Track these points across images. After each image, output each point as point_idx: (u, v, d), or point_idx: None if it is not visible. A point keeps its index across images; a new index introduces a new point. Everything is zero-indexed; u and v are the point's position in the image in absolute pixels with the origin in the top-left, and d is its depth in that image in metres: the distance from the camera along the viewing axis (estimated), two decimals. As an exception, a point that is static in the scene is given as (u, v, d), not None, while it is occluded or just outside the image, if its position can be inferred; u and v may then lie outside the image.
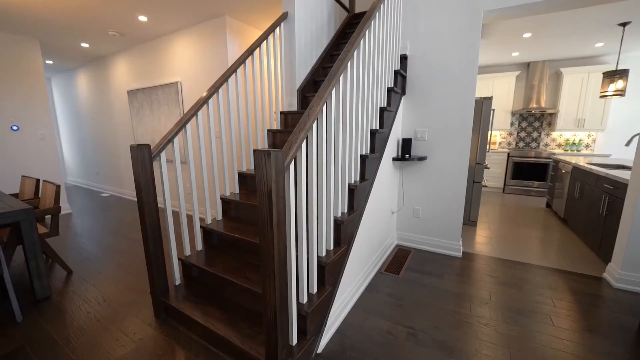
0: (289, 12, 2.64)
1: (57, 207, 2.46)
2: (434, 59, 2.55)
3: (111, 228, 3.59)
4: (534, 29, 3.68)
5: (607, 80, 3.56)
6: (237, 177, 2.30)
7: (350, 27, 3.54)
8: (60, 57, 4.80)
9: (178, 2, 2.83)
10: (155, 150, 1.73)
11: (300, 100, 2.78)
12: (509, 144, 5.75)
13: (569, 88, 4.93)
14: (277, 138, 2.59)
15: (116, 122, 5.01)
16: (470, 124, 2.48)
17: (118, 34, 3.70)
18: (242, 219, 2.18)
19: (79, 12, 3.05)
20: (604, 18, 3.33)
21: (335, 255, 1.57)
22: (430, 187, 2.72)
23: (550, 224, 3.61)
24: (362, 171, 1.94)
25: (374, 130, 2.04)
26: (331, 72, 1.46)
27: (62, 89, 6.09)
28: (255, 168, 1.06)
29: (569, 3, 2.20)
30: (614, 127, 4.93)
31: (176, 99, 3.86)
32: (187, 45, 3.58)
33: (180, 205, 1.91)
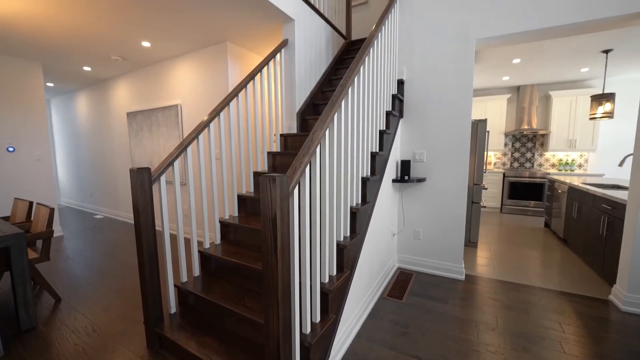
0: (289, 39, 2.74)
1: (49, 231, 2.39)
2: (430, 84, 2.63)
3: (104, 251, 3.48)
4: (523, 55, 3.85)
5: (596, 103, 3.69)
6: (236, 200, 2.27)
7: (348, 53, 3.68)
8: (61, 80, 4.87)
9: (181, 29, 2.93)
10: (155, 174, 1.71)
11: (299, 123, 2.82)
12: (503, 164, 5.84)
13: (558, 110, 5.09)
14: (276, 160, 2.60)
15: (114, 143, 5.01)
16: (467, 145, 2.52)
17: (121, 58, 3.79)
18: (241, 243, 2.13)
19: (84, 38, 3.13)
20: (587, 46, 3.51)
21: (339, 282, 1.52)
22: (430, 209, 2.71)
23: (550, 244, 3.59)
24: (363, 194, 1.94)
25: (374, 152, 2.06)
26: (333, 97, 1.49)
27: (61, 110, 6.13)
28: (260, 193, 1.05)
29: (553, 32, 2.31)
30: (604, 147, 5.06)
31: (176, 121, 3.89)
32: (189, 70, 3.66)
33: (179, 228, 1.87)
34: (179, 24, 2.80)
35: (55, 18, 2.66)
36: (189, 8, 2.49)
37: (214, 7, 2.47)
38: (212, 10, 2.53)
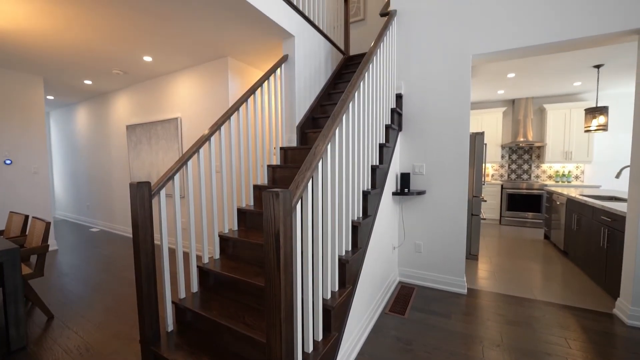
0: (289, 54, 2.80)
1: (44, 245, 2.35)
2: (427, 98, 2.67)
3: (99, 266, 3.41)
4: (517, 70, 3.94)
5: (590, 116, 3.76)
6: (236, 214, 2.26)
7: (346, 67, 3.75)
8: (62, 93, 4.90)
9: (183, 45, 2.98)
10: (155, 188, 1.70)
11: (299, 136, 2.84)
12: (501, 175, 5.88)
13: (553, 123, 5.18)
14: (276, 173, 2.60)
15: (112, 155, 5.00)
16: (466, 158, 2.54)
17: (122, 72, 3.83)
18: (241, 258, 2.10)
19: (86, 53, 3.17)
20: (579, 61, 3.61)
21: (341, 298, 1.49)
22: (431, 221, 2.70)
23: (551, 257, 3.57)
24: (364, 207, 1.93)
25: (374, 166, 2.06)
26: (334, 112, 1.50)
27: (60, 123, 6.14)
28: (263, 208, 1.04)
29: (546, 49, 2.38)
30: (599, 159, 5.12)
31: (175, 134, 3.90)
32: (189, 83, 3.70)
33: (177, 242, 1.84)
34: (181, 40, 2.85)
35: (59, 33, 2.70)
36: (191, 24, 2.54)
37: (217, 24, 2.52)
38: (214, 27, 2.59)
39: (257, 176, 2.48)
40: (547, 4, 2.24)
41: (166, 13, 2.35)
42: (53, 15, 2.38)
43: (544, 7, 2.25)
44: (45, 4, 2.21)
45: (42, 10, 2.30)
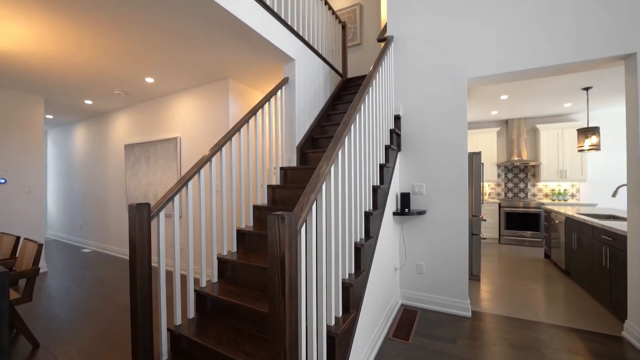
0: (289, 77, 2.87)
1: (35, 269, 2.26)
2: (425, 119, 2.73)
3: (90, 289, 3.28)
4: (510, 92, 4.07)
5: (582, 136, 3.85)
6: (235, 235, 2.21)
7: (344, 89, 3.84)
8: (61, 113, 4.93)
9: (186, 67, 3.04)
10: (155, 209, 1.67)
11: (299, 156, 2.85)
12: (498, 194, 5.91)
13: (547, 142, 5.29)
14: (276, 193, 2.58)
15: (109, 175, 4.96)
16: (465, 178, 2.55)
17: (123, 93, 3.88)
18: (240, 281, 2.04)
19: (89, 74, 3.22)
20: (569, 84, 3.74)
21: (345, 324, 1.44)
22: (432, 241, 2.68)
23: (553, 277, 3.53)
24: (366, 228, 1.91)
25: (375, 186, 2.07)
26: (337, 134, 1.52)
27: (58, 141, 6.12)
28: (268, 232, 1.02)
29: (537, 73, 2.47)
30: (594, 177, 5.20)
31: (174, 153, 3.90)
32: (190, 104, 3.75)
33: (175, 265, 1.78)
34: (183, 62, 2.92)
35: (65, 56, 2.75)
36: (195, 49, 2.61)
37: (221, 48, 2.59)
38: (218, 51, 2.66)
39: (257, 196, 2.47)
40: (537, 30, 2.35)
41: (171, 38, 2.42)
42: (62, 39, 2.43)
43: (534, 33, 2.36)
44: (56, 29, 2.27)
45: (53, 35, 2.35)
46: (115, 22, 2.19)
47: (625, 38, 2.11)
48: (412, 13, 2.81)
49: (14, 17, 2.12)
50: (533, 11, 2.37)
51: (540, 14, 2.34)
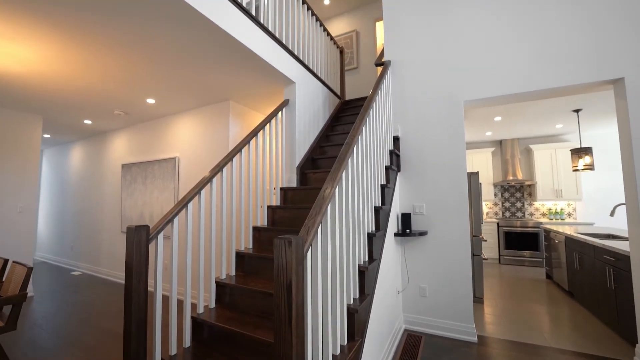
0: (290, 99, 2.92)
1: (22, 294, 2.16)
2: (424, 140, 2.77)
3: (78, 315, 3.13)
4: (503, 114, 4.19)
5: (576, 157, 3.93)
6: (234, 257, 2.16)
7: (343, 111, 3.92)
8: (59, 132, 4.92)
9: (187, 89, 3.09)
10: (153, 231, 1.63)
11: (299, 176, 2.85)
12: (495, 213, 5.93)
13: (541, 162, 5.39)
14: (276, 214, 2.55)
15: (104, 194, 4.88)
16: (465, 197, 2.56)
17: (123, 113, 3.90)
18: (239, 306, 1.96)
19: (90, 95, 3.25)
20: (559, 106, 3.87)
21: (351, 353, 1.37)
22: (435, 263, 2.63)
23: (557, 298, 3.46)
24: (369, 250, 1.88)
25: (377, 207, 2.05)
26: (340, 155, 1.53)
27: (54, 161, 6.07)
28: (274, 256, 0.99)
29: (530, 96, 2.56)
30: (589, 196, 5.26)
31: (172, 173, 3.88)
32: (190, 124, 3.78)
33: (172, 290, 1.72)
34: (186, 85, 2.97)
35: (68, 77, 2.78)
36: (198, 72, 2.67)
37: (224, 71, 2.65)
38: (220, 74, 2.72)
39: (257, 217, 2.43)
40: (530, 55, 2.45)
41: (175, 60, 2.47)
42: (67, 61, 2.47)
43: (527, 58, 2.46)
44: (63, 50, 2.30)
45: (58, 56, 2.39)
46: (120, 44, 2.24)
47: (613, 63, 2.20)
48: (408, 39, 2.93)
49: (23, 40, 2.16)
50: (525, 37, 2.48)
51: (533, 39, 2.46)
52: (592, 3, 2.30)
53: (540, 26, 2.44)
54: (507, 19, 2.55)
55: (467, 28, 2.69)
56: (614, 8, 2.23)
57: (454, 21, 2.74)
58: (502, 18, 2.57)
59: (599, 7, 2.28)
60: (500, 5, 2.58)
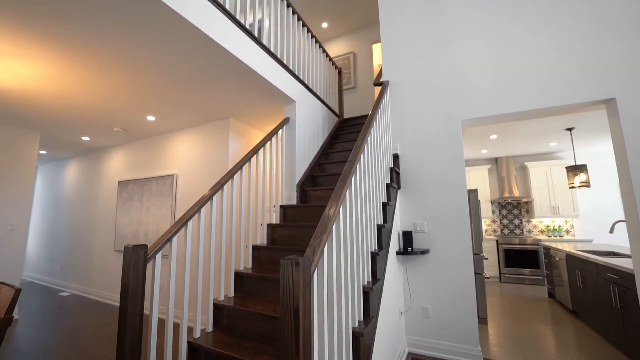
0: (290, 117, 2.96)
1: (7, 318, 2.04)
2: (422, 157, 2.79)
3: (64, 339, 2.97)
4: (499, 132, 4.28)
5: (571, 174, 3.98)
6: (233, 277, 2.09)
7: (341, 129, 3.97)
8: (56, 149, 4.89)
9: (188, 107, 3.12)
10: (152, 250, 1.59)
11: (299, 194, 2.83)
12: (494, 231, 5.91)
13: (536, 179, 5.45)
14: (276, 232, 2.51)
15: (98, 212, 4.79)
16: (466, 214, 2.55)
17: (122, 130, 3.90)
18: (237, 330, 1.88)
19: (91, 112, 3.25)
20: (553, 124, 3.97)
21: (357, 380, 1.31)
22: (437, 283, 2.58)
23: (561, 318, 3.39)
24: (373, 270, 1.84)
25: (380, 225, 2.03)
26: (343, 173, 1.52)
27: (48, 177, 5.99)
28: (280, 278, 0.96)
29: (525, 115, 2.62)
30: (586, 213, 5.29)
31: (170, 190, 3.84)
32: (189, 142, 3.78)
33: (169, 313, 1.64)
34: (187, 103, 3.00)
35: (67, 93, 2.79)
36: (200, 90, 2.70)
37: (226, 90, 2.69)
38: (222, 93, 2.75)
39: (257, 235, 2.39)
40: (525, 76, 2.53)
41: (179, 80, 2.51)
42: (68, 78, 2.49)
43: (522, 79, 2.54)
44: (66, 67, 2.32)
45: (59, 73, 2.41)
46: (124, 63, 2.27)
47: (605, 84, 2.28)
48: (405, 61, 3.02)
49: (27, 58, 2.18)
50: (520, 59, 2.57)
51: (527, 61, 2.54)
52: (584, 27, 2.40)
53: (534, 48, 2.54)
54: (501, 43, 2.65)
55: (463, 50, 2.78)
56: (605, 31, 2.34)
57: (450, 43, 2.84)
58: (497, 41, 2.67)
59: (591, 30, 2.38)
60: (495, 29, 2.69)
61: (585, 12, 2.42)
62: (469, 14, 2.81)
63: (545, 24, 2.53)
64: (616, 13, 2.32)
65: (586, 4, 2.42)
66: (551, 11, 2.52)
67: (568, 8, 2.47)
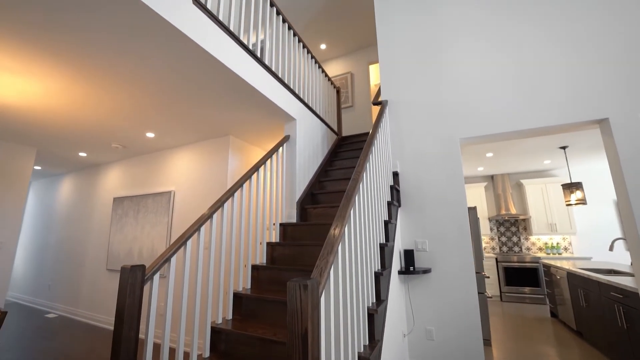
0: (290, 135, 2.98)
1: (-8, 344, 1.94)
2: (422, 175, 2.81)
3: (50, 367, 2.81)
4: (495, 150, 4.35)
5: (568, 191, 4.03)
6: (231, 299, 2.02)
7: (340, 147, 4.00)
8: (51, 164, 4.83)
9: (188, 124, 3.13)
10: (149, 271, 1.53)
11: (299, 212, 2.81)
12: (493, 248, 5.88)
13: (533, 196, 5.50)
14: (276, 251, 2.47)
15: (91, 229, 4.67)
16: (467, 232, 2.54)
17: (121, 146, 3.89)
18: (235, 356, 1.80)
19: (90, 128, 3.25)
20: (547, 143, 4.06)
21: (365, 410, 1.24)
22: (440, 303, 2.52)
23: (566, 339, 3.32)
24: (377, 290, 1.79)
25: (382, 244, 2.01)
26: (347, 192, 1.52)
27: (41, 194, 5.88)
28: (288, 302, 0.93)
29: (521, 134, 2.67)
30: (583, 230, 5.31)
31: (167, 207, 3.78)
32: (188, 158, 3.77)
33: (165, 337, 1.57)
34: (187, 120, 3.01)
35: (67, 109, 2.78)
36: (202, 107, 2.73)
37: (227, 108, 2.72)
38: (223, 110, 2.78)
39: (256, 254, 2.34)
40: (522, 96, 2.60)
41: (179, 97, 2.53)
42: (69, 94, 2.49)
43: (519, 99, 2.61)
44: (68, 84, 2.33)
45: (61, 89, 2.41)
46: (127, 79, 2.29)
47: (599, 104, 2.35)
48: (403, 81, 3.10)
49: (30, 74, 2.19)
50: (517, 80, 2.64)
51: (523, 82, 2.62)
52: (577, 49, 2.50)
53: (530, 69, 2.62)
54: (497, 65, 2.74)
55: (461, 71, 2.86)
56: (597, 53, 2.43)
57: (448, 64, 2.92)
58: (494, 63, 2.75)
59: (583, 53, 2.48)
60: (492, 50, 2.78)
61: (578, 36, 2.52)
62: (466, 36, 2.91)
63: (540, 48, 2.63)
64: (607, 36, 2.43)
65: (578, 27, 2.53)
66: (545, 36, 2.63)
67: (561, 32, 2.58)
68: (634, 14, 2.40)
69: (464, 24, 2.95)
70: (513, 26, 2.76)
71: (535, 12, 2.71)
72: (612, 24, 2.45)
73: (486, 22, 2.86)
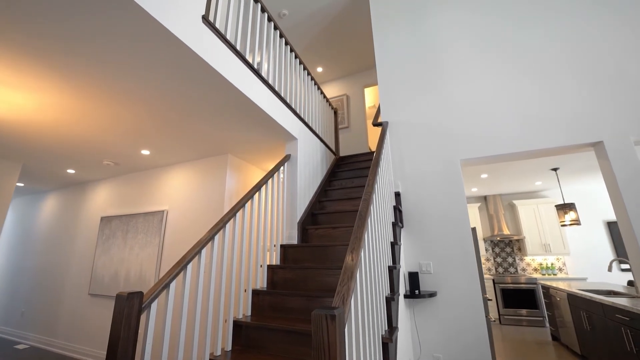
0: (291, 154, 2.95)
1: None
2: (423, 195, 2.80)
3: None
4: (489, 171, 4.43)
5: (561, 212, 4.10)
6: (231, 328, 1.89)
7: (338, 167, 4.00)
8: (36, 181, 4.61)
9: (186, 142, 3.07)
10: (147, 298, 1.41)
11: (300, 233, 2.73)
12: (489, 269, 5.86)
13: (526, 217, 5.57)
14: (276, 275, 2.36)
15: (75, 250, 4.40)
16: (472, 253, 2.50)
17: (113, 163, 3.76)
18: (236, 391, 1.64)
19: (82, 144, 3.13)
20: (539, 165, 4.17)
21: None
22: (447, 328, 2.43)
23: (571, 365, 3.24)
24: (389, 317, 1.71)
25: (391, 266, 1.94)
26: (360, 214, 1.47)
27: (20, 212, 5.56)
28: (312, 334, 0.85)
29: (519, 156, 2.73)
30: (577, 251, 5.36)
31: (158, 227, 3.62)
32: (183, 177, 3.67)
33: (160, 376, 1.42)
34: (185, 137, 2.96)
35: (60, 124, 2.68)
36: (200, 125, 2.68)
37: (228, 126, 2.69)
38: (223, 128, 2.74)
39: (257, 278, 2.22)
40: (519, 120, 2.68)
41: (178, 113, 2.49)
42: (63, 109, 2.41)
43: (517, 122, 2.68)
44: (65, 99, 2.26)
45: (55, 104, 2.34)
46: (123, 95, 2.24)
47: (593, 128, 2.44)
48: (403, 103, 3.16)
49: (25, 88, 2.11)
50: (514, 104, 2.73)
51: (521, 106, 2.71)
52: (572, 75, 2.62)
53: (527, 93, 2.72)
54: (495, 91, 2.84)
55: (461, 92, 2.94)
56: (591, 78, 2.56)
57: (447, 85, 3.01)
58: (492, 87, 2.85)
59: (578, 78, 2.60)
60: (491, 74, 2.88)
61: (572, 61, 2.66)
62: (465, 58, 3.02)
63: (537, 72, 2.74)
64: (600, 62, 2.57)
65: (572, 52, 2.67)
66: (542, 62, 2.75)
67: (556, 58, 2.71)
68: (628, 37, 2.55)
69: (462, 46, 3.07)
70: (512, 50, 2.88)
71: (533, 40, 2.85)
72: (605, 47, 2.59)
73: (485, 47, 2.99)
